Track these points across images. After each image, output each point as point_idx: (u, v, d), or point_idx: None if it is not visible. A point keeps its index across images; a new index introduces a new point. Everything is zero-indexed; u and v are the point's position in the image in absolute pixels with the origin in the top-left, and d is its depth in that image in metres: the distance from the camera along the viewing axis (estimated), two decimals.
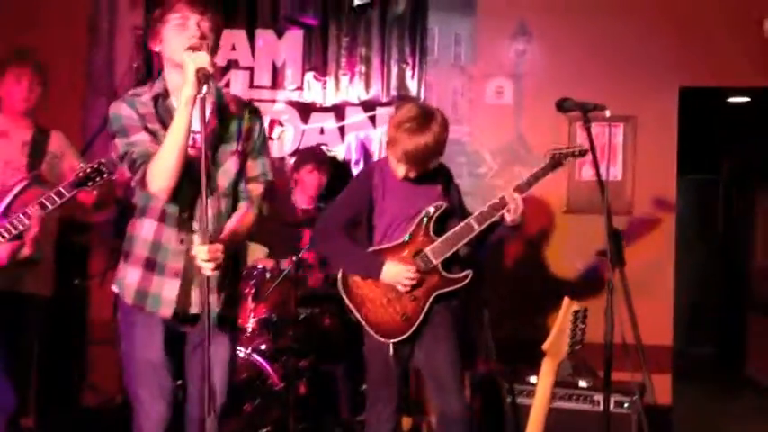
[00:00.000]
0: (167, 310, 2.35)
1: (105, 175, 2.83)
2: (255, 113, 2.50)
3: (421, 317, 2.87)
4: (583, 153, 3.03)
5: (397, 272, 2.84)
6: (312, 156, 4.25)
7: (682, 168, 4.52)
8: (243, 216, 2.44)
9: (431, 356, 2.92)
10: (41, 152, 3.30)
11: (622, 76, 4.44)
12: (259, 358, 3.58)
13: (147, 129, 2.30)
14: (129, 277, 2.39)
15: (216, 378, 2.40)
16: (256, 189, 2.47)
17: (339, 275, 2.92)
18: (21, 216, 2.78)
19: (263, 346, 3.67)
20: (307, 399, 3.71)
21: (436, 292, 2.89)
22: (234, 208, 2.45)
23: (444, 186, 3.03)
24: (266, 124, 2.56)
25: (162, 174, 2.23)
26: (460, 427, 2.90)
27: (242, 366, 3.49)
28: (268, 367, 3.57)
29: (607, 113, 2.75)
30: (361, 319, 2.88)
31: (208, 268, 2.18)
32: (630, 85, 4.43)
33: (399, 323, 2.87)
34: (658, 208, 4.45)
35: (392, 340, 2.86)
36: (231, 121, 2.42)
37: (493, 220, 2.89)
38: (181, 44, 2.25)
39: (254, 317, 3.74)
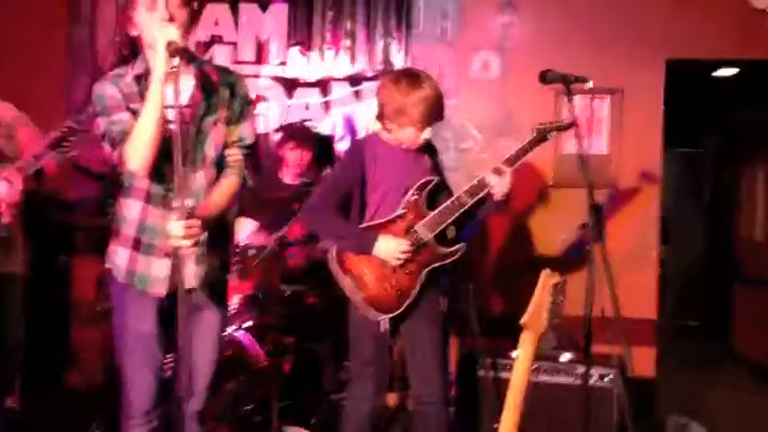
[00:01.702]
0: (159, 289, 2.38)
1: (79, 135, 2.80)
2: (236, 79, 2.52)
3: (415, 291, 2.86)
4: (567, 127, 3.01)
5: (390, 247, 2.82)
6: (293, 133, 4.23)
7: (668, 141, 4.51)
8: (224, 184, 2.47)
9: (416, 341, 2.92)
10: None
11: (609, 49, 4.42)
12: (243, 335, 3.57)
13: (129, 108, 2.32)
14: (119, 257, 2.43)
15: (203, 354, 2.46)
16: (236, 154, 2.49)
17: (332, 252, 2.90)
18: None
19: (247, 324, 3.67)
20: (291, 376, 3.71)
21: (429, 267, 2.88)
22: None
23: (433, 161, 3.02)
24: (248, 89, 2.57)
25: (137, 151, 2.26)
26: (438, 411, 2.90)
27: (226, 344, 3.47)
28: (252, 345, 3.56)
29: (589, 85, 2.73)
30: (355, 295, 2.86)
31: (184, 246, 2.19)
32: (617, 57, 4.40)
33: (394, 298, 2.85)
34: (644, 181, 4.44)
35: (387, 316, 2.84)
36: (214, 91, 2.44)
37: (483, 193, 2.87)
38: (152, 25, 2.26)
39: (238, 294, 3.73)
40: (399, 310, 2.85)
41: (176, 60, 2.15)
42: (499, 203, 2.92)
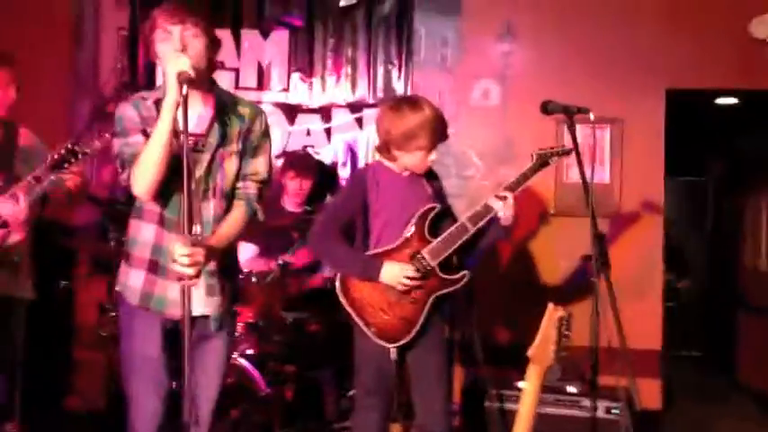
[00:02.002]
0: (175, 311, 2.36)
1: (79, 156, 2.81)
2: (257, 113, 2.53)
3: (421, 320, 2.84)
4: (567, 152, 3.03)
5: (396, 272, 2.81)
6: (294, 162, 4.23)
7: (669, 170, 4.51)
8: (233, 216, 2.47)
9: (421, 369, 2.90)
10: (11, 149, 3.24)
11: (609, 78, 4.43)
12: (245, 363, 3.55)
13: (145, 131, 2.34)
14: (132, 279, 2.43)
15: (208, 381, 2.47)
16: (249, 188, 2.49)
17: (338, 279, 2.88)
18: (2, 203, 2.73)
19: (249, 351, 3.64)
20: (293, 404, 3.68)
21: (435, 294, 2.86)
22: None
23: (435, 188, 3.02)
24: (267, 124, 2.57)
25: (143, 175, 2.28)
26: None
27: (228, 371, 3.46)
28: (254, 372, 3.54)
29: (591, 116, 2.73)
30: (361, 324, 2.84)
31: (187, 273, 2.18)
32: (617, 87, 4.42)
33: (400, 327, 2.83)
34: (646, 210, 4.44)
35: (394, 345, 2.82)
36: (232, 121, 2.45)
37: (487, 218, 2.87)
38: (167, 54, 2.30)
39: (239, 321, 3.71)
40: (407, 339, 2.83)
41: (185, 89, 2.17)
42: (507, 228, 2.91)
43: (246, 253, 3.96)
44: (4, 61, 3.28)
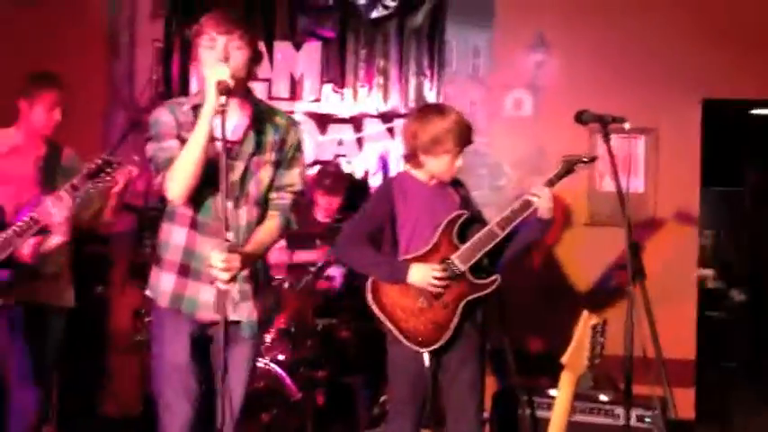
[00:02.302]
0: (206, 314, 2.40)
1: (115, 166, 2.88)
2: (292, 124, 2.57)
3: (453, 324, 2.85)
4: (592, 160, 3.05)
5: (424, 272, 2.83)
6: (325, 181, 4.21)
7: (705, 180, 4.47)
8: (268, 225, 2.50)
9: (455, 378, 2.90)
10: (54, 166, 3.32)
11: (643, 89, 4.40)
12: (277, 368, 3.58)
13: (179, 136, 2.37)
14: (163, 282, 2.46)
15: (236, 381, 2.46)
16: (284, 198, 2.52)
17: (369, 285, 2.90)
18: (37, 211, 2.79)
19: (280, 357, 3.68)
20: (324, 410, 3.71)
21: (466, 299, 2.87)
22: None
23: (462, 195, 3.04)
24: (302, 136, 2.62)
25: (177, 181, 2.31)
26: None
27: (260, 376, 3.50)
28: (286, 378, 3.57)
29: (626, 126, 2.72)
30: (393, 329, 2.85)
31: (222, 278, 2.20)
32: (651, 97, 4.39)
33: (432, 331, 2.84)
34: (681, 220, 4.40)
35: (426, 349, 2.83)
36: (267, 131, 2.48)
37: (514, 224, 2.88)
38: (209, 62, 2.34)
39: (272, 327, 3.75)
40: (438, 344, 2.84)
41: (223, 98, 2.21)
42: (546, 222, 2.92)
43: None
44: (52, 83, 3.34)
